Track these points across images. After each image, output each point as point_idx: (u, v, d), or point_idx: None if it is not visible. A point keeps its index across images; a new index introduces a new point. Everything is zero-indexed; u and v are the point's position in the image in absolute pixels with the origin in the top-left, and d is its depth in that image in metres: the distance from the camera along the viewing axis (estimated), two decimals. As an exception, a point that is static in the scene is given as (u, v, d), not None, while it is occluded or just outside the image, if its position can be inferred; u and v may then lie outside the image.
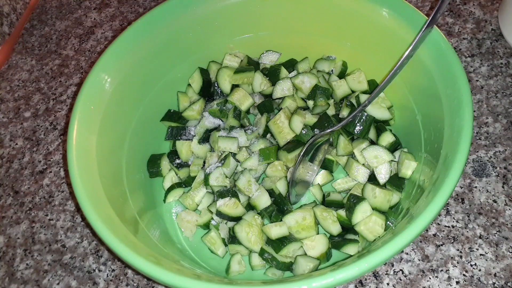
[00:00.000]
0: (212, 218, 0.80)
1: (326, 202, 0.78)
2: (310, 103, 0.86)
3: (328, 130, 0.77)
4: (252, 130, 0.87)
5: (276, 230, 0.73)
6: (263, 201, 0.77)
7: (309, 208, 0.76)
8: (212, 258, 0.78)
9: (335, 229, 0.74)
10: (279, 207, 0.78)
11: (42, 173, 0.95)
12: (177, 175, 0.86)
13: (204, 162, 0.85)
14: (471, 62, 0.92)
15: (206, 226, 0.80)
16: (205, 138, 0.87)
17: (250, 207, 0.79)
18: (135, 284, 0.77)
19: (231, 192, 0.79)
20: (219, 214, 0.77)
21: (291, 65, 0.92)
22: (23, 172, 0.96)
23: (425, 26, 0.64)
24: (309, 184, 0.82)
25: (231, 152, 0.83)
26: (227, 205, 0.77)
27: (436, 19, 0.64)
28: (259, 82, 0.88)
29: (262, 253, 0.72)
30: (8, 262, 0.84)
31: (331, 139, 0.82)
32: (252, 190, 0.78)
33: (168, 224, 0.82)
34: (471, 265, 0.71)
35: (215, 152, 0.84)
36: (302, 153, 0.77)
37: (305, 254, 0.73)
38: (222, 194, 0.78)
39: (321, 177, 0.83)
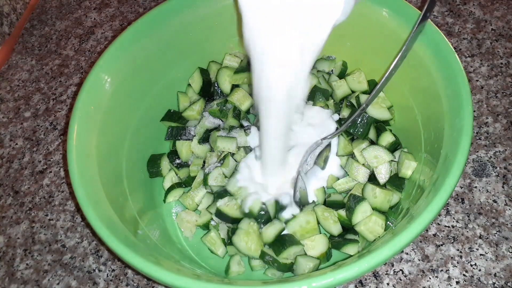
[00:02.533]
0: (212, 219, 0.80)
1: (327, 204, 0.78)
2: (310, 103, 0.86)
3: (327, 138, 0.76)
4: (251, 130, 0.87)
5: (271, 230, 0.73)
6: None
7: (310, 210, 0.76)
8: (212, 258, 0.78)
9: (336, 229, 0.74)
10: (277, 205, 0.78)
11: (42, 173, 0.95)
12: (177, 175, 0.86)
13: (204, 162, 0.85)
14: (471, 62, 0.92)
15: (206, 226, 0.80)
16: (205, 138, 0.87)
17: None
18: (135, 284, 0.77)
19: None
20: (219, 214, 0.77)
21: (291, 65, 0.92)
22: (23, 172, 0.96)
23: (418, 22, 0.64)
24: (307, 195, 0.80)
25: (230, 152, 0.83)
26: (228, 205, 0.77)
27: (427, 17, 0.63)
28: (259, 82, 0.88)
29: (263, 256, 0.72)
30: (8, 262, 0.84)
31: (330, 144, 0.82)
32: (252, 190, 0.78)
33: (168, 224, 0.82)
34: (471, 265, 0.71)
35: (215, 152, 0.84)
36: (299, 168, 0.76)
37: (305, 254, 0.73)
38: (221, 194, 0.78)
39: (326, 180, 0.81)
